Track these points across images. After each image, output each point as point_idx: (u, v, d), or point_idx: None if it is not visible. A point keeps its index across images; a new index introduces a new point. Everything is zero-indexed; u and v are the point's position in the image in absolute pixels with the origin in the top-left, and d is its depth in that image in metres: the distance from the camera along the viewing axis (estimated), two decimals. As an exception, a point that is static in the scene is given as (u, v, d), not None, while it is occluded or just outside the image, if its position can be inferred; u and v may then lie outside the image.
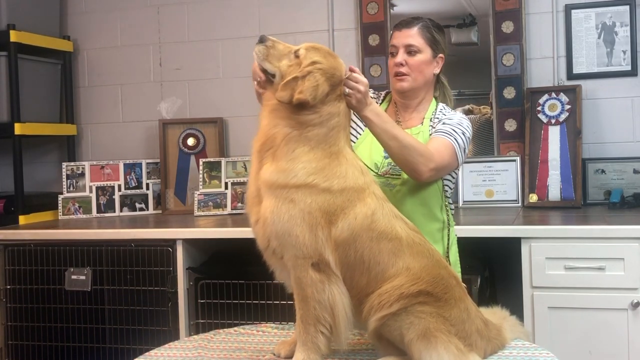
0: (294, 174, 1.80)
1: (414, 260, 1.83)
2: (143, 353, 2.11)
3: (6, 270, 3.44)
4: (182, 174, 4.05)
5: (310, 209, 1.78)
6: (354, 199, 1.83)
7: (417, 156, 2.08)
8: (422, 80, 2.32)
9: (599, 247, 2.81)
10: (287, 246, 1.80)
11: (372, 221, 1.83)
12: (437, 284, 1.81)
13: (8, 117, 3.81)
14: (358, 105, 1.99)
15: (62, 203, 3.95)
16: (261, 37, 1.94)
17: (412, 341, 1.76)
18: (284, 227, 1.78)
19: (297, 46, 1.94)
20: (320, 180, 1.81)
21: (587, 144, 3.59)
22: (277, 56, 1.91)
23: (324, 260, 1.79)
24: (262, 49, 1.92)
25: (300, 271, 1.79)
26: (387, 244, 1.83)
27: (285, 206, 1.79)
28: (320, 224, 1.79)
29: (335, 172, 1.83)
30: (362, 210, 1.83)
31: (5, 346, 3.47)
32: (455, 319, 1.80)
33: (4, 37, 3.78)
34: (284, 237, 1.79)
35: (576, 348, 2.83)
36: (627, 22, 3.56)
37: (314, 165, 1.82)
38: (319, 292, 1.78)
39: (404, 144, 2.06)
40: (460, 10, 3.82)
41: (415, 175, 2.12)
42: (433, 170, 2.13)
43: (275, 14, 4.04)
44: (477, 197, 3.67)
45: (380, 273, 1.81)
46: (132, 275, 3.31)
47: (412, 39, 2.30)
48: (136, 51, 4.27)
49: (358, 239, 1.81)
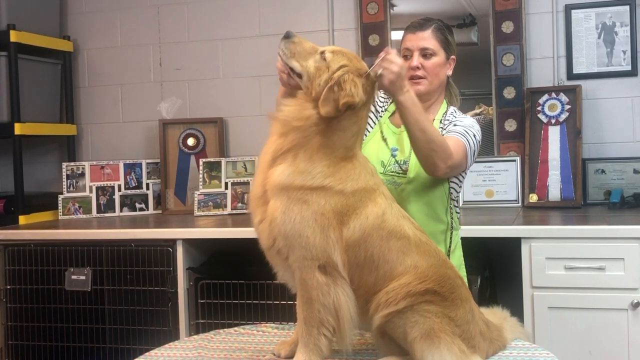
0: (311, 176, 1.78)
1: (421, 259, 1.83)
2: (143, 353, 2.11)
3: (6, 270, 3.44)
4: (182, 174, 4.05)
5: (323, 210, 1.77)
6: (365, 199, 1.82)
7: (441, 152, 2.08)
8: (437, 83, 2.34)
9: (599, 247, 2.81)
10: (296, 247, 1.78)
11: (382, 220, 1.83)
12: (444, 283, 1.81)
13: (8, 117, 3.82)
14: (391, 87, 1.97)
15: (62, 203, 3.95)
16: (287, 32, 1.89)
17: (415, 340, 1.76)
18: (294, 227, 1.77)
19: (323, 47, 1.89)
20: (335, 182, 1.80)
21: (587, 144, 3.59)
22: (304, 55, 1.86)
23: (331, 262, 1.77)
24: (289, 46, 1.87)
25: (306, 273, 1.78)
26: (396, 242, 1.82)
27: (297, 207, 1.77)
28: (332, 225, 1.78)
29: (350, 175, 1.82)
30: (374, 210, 1.82)
31: (5, 346, 3.47)
32: (460, 319, 1.80)
33: (4, 37, 3.78)
34: (293, 237, 1.77)
35: (576, 348, 2.83)
36: (627, 22, 3.56)
37: (332, 170, 1.80)
38: (324, 294, 1.77)
39: (431, 137, 2.06)
40: (460, 10, 3.82)
41: (432, 170, 2.12)
42: (449, 168, 2.13)
43: (275, 14, 4.04)
44: (477, 197, 3.67)
45: (389, 271, 1.81)
46: (132, 275, 3.31)
47: (427, 42, 2.31)
48: (136, 51, 4.27)
49: (369, 239, 1.81)
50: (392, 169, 2.28)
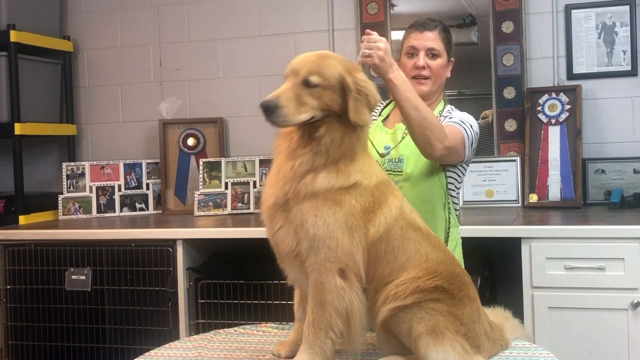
0: (348, 174, 1.78)
1: (432, 251, 1.84)
2: (143, 353, 2.11)
3: (6, 270, 3.44)
4: (182, 174, 4.05)
5: (353, 211, 1.77)
6: (386, 191, 1.84)
7: (435, 131, 2.08)
8: (439, 84, 2.36)
9: (599, 247, 2.81)
10: (321, 249, 1.75)
11: (402, 211, 1.84)
12: (454, 280, 1.81)
13: (8, 117, 3.82)
14: (382, 65, 1.99)
15: (62, 203, 3.95)
16: (266, 107, 1.71)
17: (419, 336, 1.76)
18: (325, 229, 1.74)
19: (292, 76, 1.76)
20: (363, 177, 1.80)
21: (587, 144, 3.59)
22: (297, 100, 1.74)
23: (354, 263, 1.77)
24: (279, 114, 1.71)
25: (325, 276, 1.76)
26: (412, 233, 1.84)
27: (331, 209, 1.75)
28: (359, 225, 1.78)
29: (370, 168, 1.83)
30: (394, 202, 1.84)
31: (5, 346, 3.47)
32: (467, 318, 1.80)
33: (4, 37, 3.78)
34: (322, 239, 1.75)
35: (576, 348, 2.83)
36: (627, 22, 3.56)
37: (359, 165, 1.80)
38: (339, 299, 1.76)
39: (424, 115, 2.06)
40: (460, 10, 3.82)
41: (429, 150, 2.12)
42: (446, 149, 2.13)
43: (275, 14, 4.05)
44: (477, 197, 3.68)
45: (405, 262, 1.81)
46: (132, 275, 3.31)
47: (434, 43, 2.32)
48: (136, 51, 4.27)
49: (391, 231, 1.81)
50: (388, 167, 2.28)
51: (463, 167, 2.35)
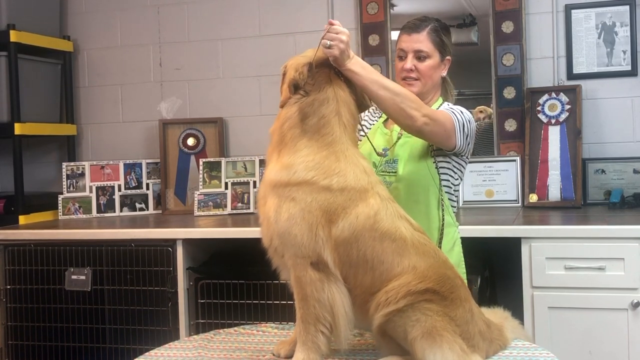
0: (294, 170, 1.82)
1: (420, 260, 1.83)
2: (143, 353, 2.11)
3: (6, 270, 3.44)
4: (182, 174, 4.05)
5: (310, 208, 1.79)
6: (355, 198, 1.83)
7: (409, 102, 2.04)
8: (430, 84, 2.34)
9: (599, 247, 2.81)
10: (287, 245, 1.82)
11: (375, 221, 1.83)
12: (444, 283, 1.82)
13: (8, 117, 3.81)
14: (341, 56, 1.98)
15: (62, 203, 3.95)
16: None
17: (416, 339, 1.76)
18: (284, 226, 1.80)
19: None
20: (320, 177, 1.82)
21: (587, 144, 3.59)
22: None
23: (322, 260, 1.80)
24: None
25: (299, 270, 1.81)
26: (390, 244, 1.83)
27: (286, 205, 1.81)
28: (321, 222, 1.80)
29: (333, 168, 1.84)
30: (364, 210, 1.83)
31: (5, 346, 3.47)
32: (460, 319, 1.81)
33: (4, 37, 3.78)
34: (284, 236, 1.81)
35: (576, 348, 2.83)
36: (627, 22, 3.56)
37: (311, 159, 1.83)
38: (318, 291, 1.79)
39: (395, 91, 2.04)
40: (460, 10, 3.82)
41: (410, 123, 2.06)
42: (426, 117, 2.06)
43: (275, 14, 4.04)
44: (477, 197, 3.68)
45: (385, 272, 1.81)
46: (132, 275, 3.32)
47: (422, 45, 2.30)
48: (136, 51, 4.27)
49: (360, 239, 1.82)
50: (383, 168, 2.29)
51: (459, 162, 2.31)
